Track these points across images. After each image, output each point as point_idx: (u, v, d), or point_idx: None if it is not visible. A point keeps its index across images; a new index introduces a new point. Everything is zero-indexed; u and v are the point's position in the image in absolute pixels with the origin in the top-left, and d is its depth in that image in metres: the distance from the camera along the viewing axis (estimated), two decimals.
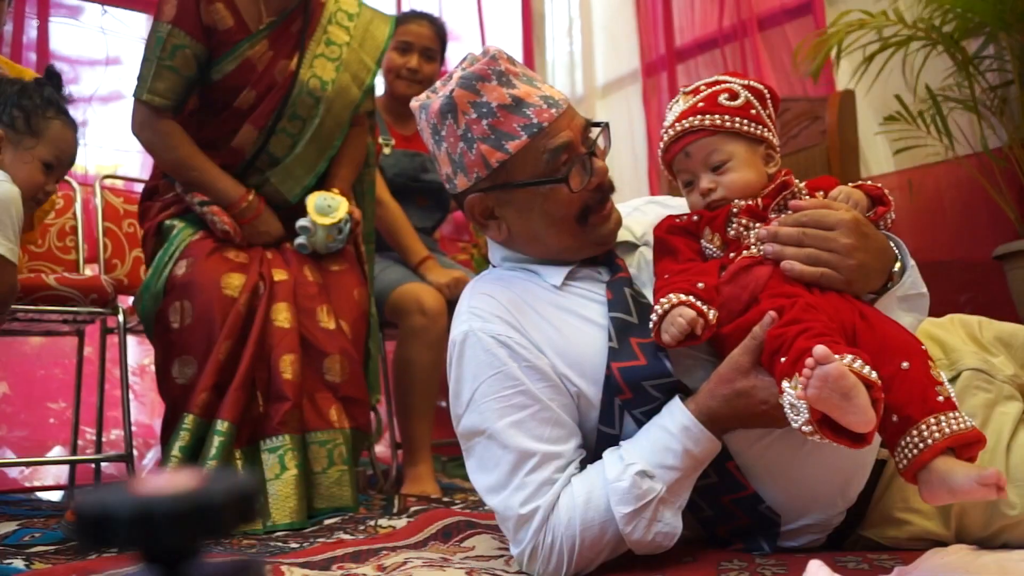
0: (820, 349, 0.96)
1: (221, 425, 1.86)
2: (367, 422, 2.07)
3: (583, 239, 1.32)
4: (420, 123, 1.35)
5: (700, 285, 1.16)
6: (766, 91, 1.29)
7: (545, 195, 1.28)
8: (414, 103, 1.35)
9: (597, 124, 1.35)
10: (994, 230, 2.67)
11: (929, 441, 1.00)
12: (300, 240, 2.12)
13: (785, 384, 1.04)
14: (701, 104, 1.26)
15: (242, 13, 2.07)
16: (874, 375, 0.99)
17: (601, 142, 1.34)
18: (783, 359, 1.05)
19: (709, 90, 1.28)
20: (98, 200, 2.61)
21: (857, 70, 2.81)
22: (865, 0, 3.20)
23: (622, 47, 4.11)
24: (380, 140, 2.70)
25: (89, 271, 2.53)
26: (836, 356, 0.97)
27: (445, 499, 2.20)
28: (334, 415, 1.98)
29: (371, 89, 2.30)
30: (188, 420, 1.88)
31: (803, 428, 1.01)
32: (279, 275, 2.05)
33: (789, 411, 1.03)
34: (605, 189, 1.32)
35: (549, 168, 1.27)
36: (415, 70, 2.73)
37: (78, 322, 2.35)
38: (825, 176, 1.30)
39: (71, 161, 1.86)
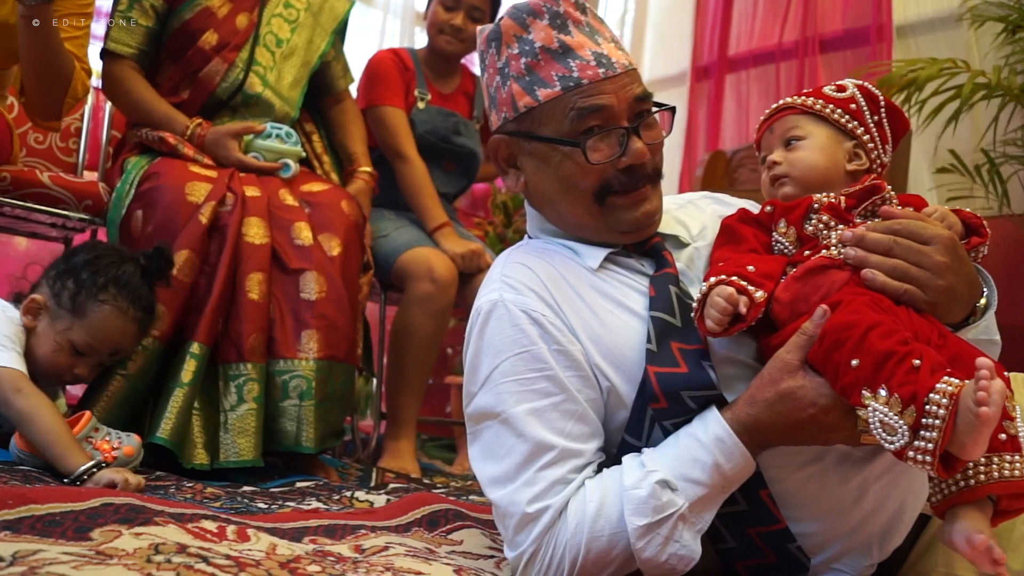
0: (985, 362, 0.86)
1: (196, 348, 1.75)
2: (345, 351, 1.91)
3: (600, 221, 1.19)
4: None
5: (751, 268, 1.07)
6: (882, 100, 1.21)
7: (563, 157, 1.16)
8: (479, 27, 1.26)
9: (661, 105, 1.21)
10: None
11: (972, 482, 0.95)
12: (252, 154, 2.10)
13: (867, 396, 0.93)
14: (806, 91, 1.22)
15: None
16: None
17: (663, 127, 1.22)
18: (855, 361, 0.94)
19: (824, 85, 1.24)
20: (108, 105, 2.46)
21: (912, 107, 2.67)
22: (936, 38, 3.09)
23: (673, 47, 3.99)
24: (416, 93, 2.56)
25: (88, 177, 2.37)
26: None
27: (425, 481, 2.06)
28: (304, 341, 1.85)
29: (325, 54, 2.34)
30: None
31: (910, 455, 0.90)
32: (251, 191, 1.96)
33: (881, 431, 0.92)
34: (637, 175, 1.17)
35: (572, 129, 1.15)
36: (459, 28, 2.57)
37: (67, 228, 2.22)
38: (914, 194, 1.20)
39: (114, 350, 1.64)
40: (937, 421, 0.88)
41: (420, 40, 3.44)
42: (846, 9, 3.37)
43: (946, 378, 0.90)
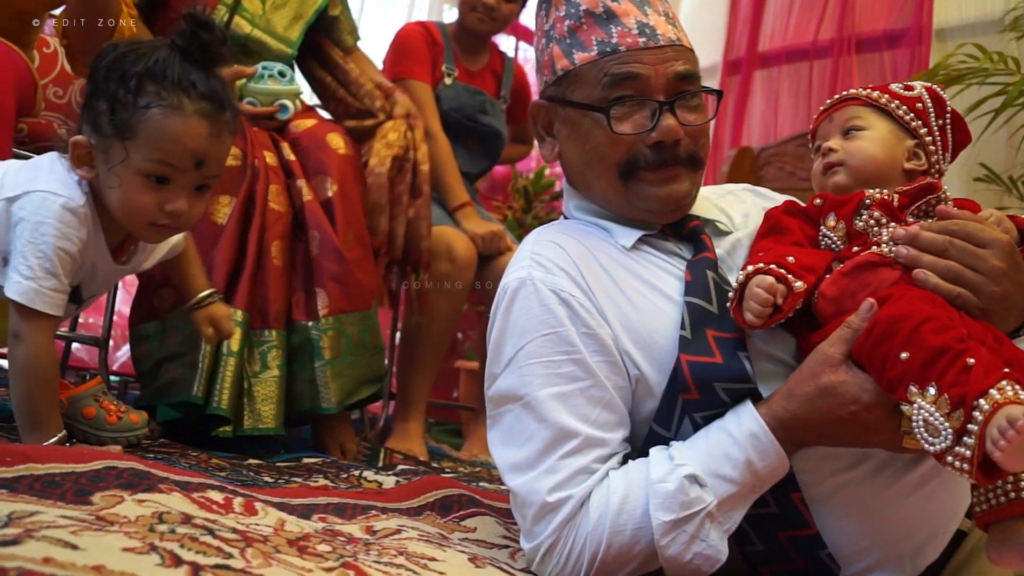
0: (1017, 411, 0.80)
1: (239, 315, 1.72)
2: (353, 298, 1.87)
3: (625, 197, 1.14)
4: None
5: (790, 259, 1.02)
6: (949, 108, 1.17)
7: (592, 124, 1.13)
8: None
9: (707, 88, 1.16)
10: None
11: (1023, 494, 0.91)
12: (247, 99, 2.02)
13: (914, 392, 0.88)
14: (872, 85, 1.18)
15: None
16: None
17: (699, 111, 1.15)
18: (905, 354, 0.89)
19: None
20: None
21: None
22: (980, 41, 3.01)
23: (705, 39, 3.90)
24: (443, 69, 2.50)
25: None
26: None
27: (434, 464, 2.01)
28: (316, 302, 1.83)
29: (322, 10, 2.19)
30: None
31: (948, 459, 0.86)
32: (270, 158, 1.92)
33: (923, 431, 0.87)
34: (667, 155, 1.11)
35: (603, 95, 1.11)
36: (492, 7, 2.50)
37: None
38: (968, 199, 1.14)
39: (198, 160, 1.23)
40: (977, 428, 0.83)
41: (448, 17, 3.38)
42: (886, 9, 3.29)
43: (1003, 382, 0.85)
